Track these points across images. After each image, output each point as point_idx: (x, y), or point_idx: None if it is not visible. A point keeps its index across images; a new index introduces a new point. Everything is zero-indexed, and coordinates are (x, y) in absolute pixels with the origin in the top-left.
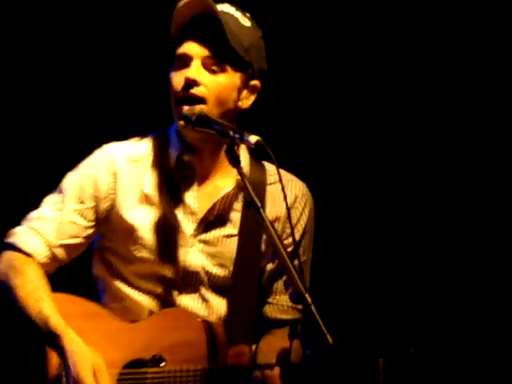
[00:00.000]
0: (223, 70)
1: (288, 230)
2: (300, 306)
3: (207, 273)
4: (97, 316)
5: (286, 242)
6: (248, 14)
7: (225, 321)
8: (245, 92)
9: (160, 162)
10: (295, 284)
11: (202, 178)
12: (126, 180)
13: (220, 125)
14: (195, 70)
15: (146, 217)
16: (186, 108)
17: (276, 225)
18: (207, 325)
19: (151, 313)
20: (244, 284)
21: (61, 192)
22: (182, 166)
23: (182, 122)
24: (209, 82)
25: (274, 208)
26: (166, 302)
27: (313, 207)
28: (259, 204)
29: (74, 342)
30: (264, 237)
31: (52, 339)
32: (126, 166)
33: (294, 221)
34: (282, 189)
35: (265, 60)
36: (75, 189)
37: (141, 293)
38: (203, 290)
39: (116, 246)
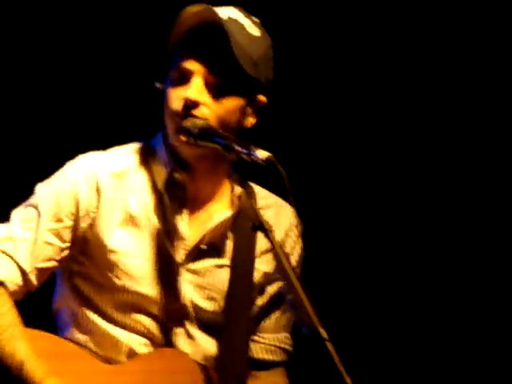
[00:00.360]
0: (228, 91)
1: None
2: (287, 347)
3: (195, 306)
4: (75, 356)
5: (276, 274)
6: (257, 20)
7: (215, 362)
8: (249, 110)
9: (146, 179)
10: (308, 317)
11: (195, 201)
12: (109, 197)
13: (225, 139)
14: (196, 90)
15: (129, 240)
16: (186, 121)
17: (269, 253)
18: (203, 369)
19: (130, 349)
20: (236, 321)
21: (33, 207)
22: (173, 184)
23: (182, 137)
24: (211, 104)
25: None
26: (146, 337)
27: (301, 232)
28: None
29: None
30: (257, 268)
31: None
32: (109, 181)
33: (287, 250)
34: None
35: (272, 70)
36: (51, 204)
37: (117, 326)
38: (189, 326)
39: (89, 271)
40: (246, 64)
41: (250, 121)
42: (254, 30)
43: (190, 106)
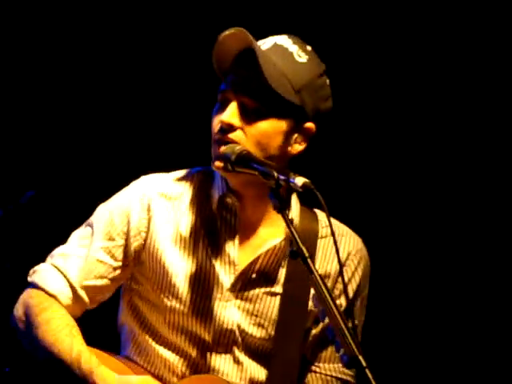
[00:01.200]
0: (264, 116)
1: (337, 292)
2: (347, 378)
3: (242, 332)
4: (126, 372)
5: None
6: (309, 47)
7: None
8: (295, 136)
9: (200, 202)
10: (347, 345)
11: (246, 226)
12: (161, 218)
13: (263, 165)
14: (231, 114)
15: (179, 261)
16: (224, 147)
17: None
18: None
19: (179, 371)
20: (285, 349)
21: (90, 226)
22: (224, 209)
23: (218, 163)
24: (246, 127)
25: (324, 264)
26: (194, 361)
27: (368, 266)
28: (307, 253)
29: (109, 381)
30: (310, 297)
31: (84, 378)
32: (162, 202)
33: (346, 277)
34: (335, 242)
35: (325, 99)
36: (105, 223)
37: (167, 347)
38: (237, 352)
39: (145, 290)
40: (283, 88)
41: (297, 148)
42: (301, 58)
43: (226, 129)
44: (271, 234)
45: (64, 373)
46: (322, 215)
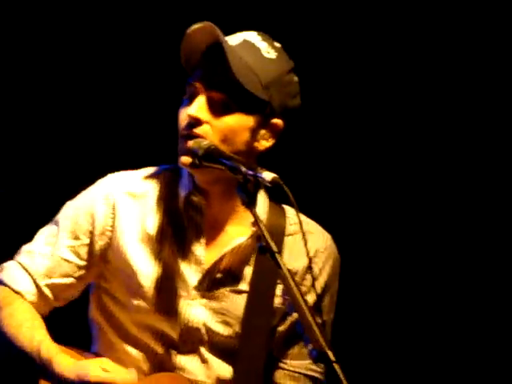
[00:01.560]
0: (231, 110)
1: (304, 288)
2: (314, 374)
3: (209, 330)
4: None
5: None
6: (278, 45)
7: None
8: (263, 132)
9: (167, 201)
10: (316, 339)
11: (213, 224)
12: (127, 217)
13: (230, 159)
14: (198, 108)
15: (145, 261)
16: (191, 142)
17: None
18: None
19: (146, 369)
20: (251, 346)
21: (56, 224)
22: (191, 207)
23: (184, 158)
24: (213, 121)
25: (291, 262)
26: (160, 359)
27: (337, 263)
28: (275, 249)
29: (67, 368)
30: (277, 294)
31: (44, 368)
32: (127, 201)
33: (311, 279)
34: (303, 237)
35: (293, 96)
36: (70, 222)
37: (134, 345)
38: (203, 350)
39: (113, 288)
40: (251, 84)
41: (264, 144)
42: (270, 54)
43: (193, 124)
44: (238, 231)
45: (26, 365)
46: (290, 212)
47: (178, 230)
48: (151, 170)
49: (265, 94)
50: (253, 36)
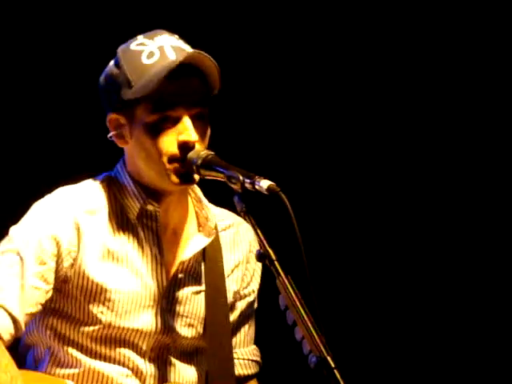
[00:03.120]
0: (206, 120)
1: (247, 278)
2: (258, 359)
3: (175, 335)
4: None
5: (245, 291)
6: (177, 35)
7: None
8: None
9: (118, 214)
10: (316, 346)
11: (167, 229)
12: (88, 235)
13: (228, 168)
14: (194, 131)
15: (111, 276)
16: (190, 153)
17: (236, 272)
18: None
19: (115, 382)
20: (218, 343)
21: (14, 252)
22: (145, 217)
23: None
24: (202, 137)
25: (231, 257)
26: (130, 368)
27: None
28: (274, 256)
29: None
30: (228, 289)
31: None
32: (86, 218)
33: (251, 268)
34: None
35: None
36: (34, 248)
37: (101, 360)
38: (170, 355)
39: (67, 308)
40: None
41: None
42: (187, 47)
43: (190, 148)
44: (190, 232)
45: None
46: (213, 207)
47: (136, 241)
48: (91, 183)
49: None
50: (171, 38)
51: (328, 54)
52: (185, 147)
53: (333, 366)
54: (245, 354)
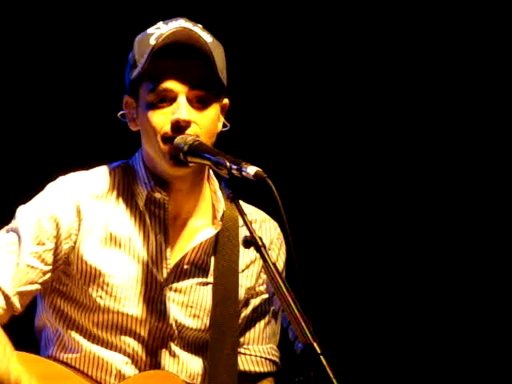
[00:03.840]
0: (210, 103)
1: (263, 276)
2: (275, 358)
3: (179, 325)
4: (64, 378)
5: (260, 287)
6: (200, 25)
7: (205, 380)
8: (220, 113)
9: (128, 199)
10: (302, 332)
11: (176, 219)
12: (91, 218)
13: (215, 154)
14: (187, 110)
15: (112, 261)
16: (177, 138)
17: (252, 268)
18: None
19: (115, 369)
20: (222, 337)
21: (14, 231)
22: (153, 204)
23: (168, 161)
24: (200, 120)
25: (247, 252)
26: (131, 356)
27: (285, 248)
28: (261, 242)
29: None
30: (240, 284)
31: None
32: (89, 202)
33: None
34: (286, 230)
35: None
36: (33, 228)
37: (102, 346)
38: (173, 345)
39: (72, 291)
40: (222, 72)
41: (220, 127)
42: (209, 37)
43: (183, 126)
44: (201, 224)
45: None
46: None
47: (142, 227)
48: (104, 168)
49: (223, 77)
50: (186, 22)
51: (319, 48)
52: (177, 126)
53: (319, 352)
54: (258, 351)
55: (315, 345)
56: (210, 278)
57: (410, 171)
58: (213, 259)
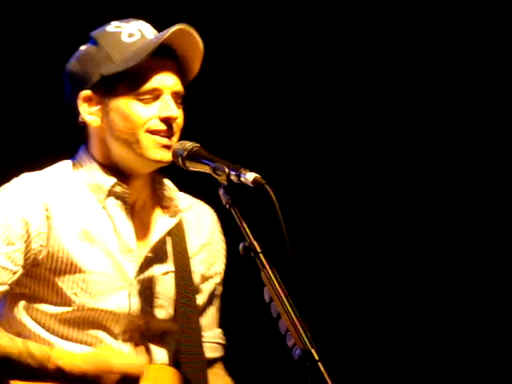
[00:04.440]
0: (183, 101)
1: (211, 260)
2: (223, 342)
3: (147, 317)
4: None
5: (210, 272)
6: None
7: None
8: None
9: (89, 196)
10: (300, 338)
11: (134, 210)
12: (61, 216)
13: (213, 160)
14: (176, 107)
15: (86, 256)
16: (176, 145)
17: (200, 254)
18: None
19: None
20: (188, 325)
21: None
22: (114, 198)
23: (164, 154)
24: (179, 117)
25: (195, 238)
26: None
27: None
28: (259, 249)
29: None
30: (193, 270)
31: (40, 366)
32: (58, 200)
33: (216, 248)
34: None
35: None
36: (2, 229)
37: (72, 342)
38: (142, 337)
39: (38, 292)
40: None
41: None
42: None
43: (171, 123)
44: (156, 212)
45: (14, 367)
46: (170, 185)
47: (107, 222)
48: (59, 167)
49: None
50: (148, 25)
51: (317, 49)
52: (167, 123)
53: (317, 358)
54: (211, 337)
55: (313, 351)
56: (171, 267)
57: (409, 171)
58: (170, 248)
